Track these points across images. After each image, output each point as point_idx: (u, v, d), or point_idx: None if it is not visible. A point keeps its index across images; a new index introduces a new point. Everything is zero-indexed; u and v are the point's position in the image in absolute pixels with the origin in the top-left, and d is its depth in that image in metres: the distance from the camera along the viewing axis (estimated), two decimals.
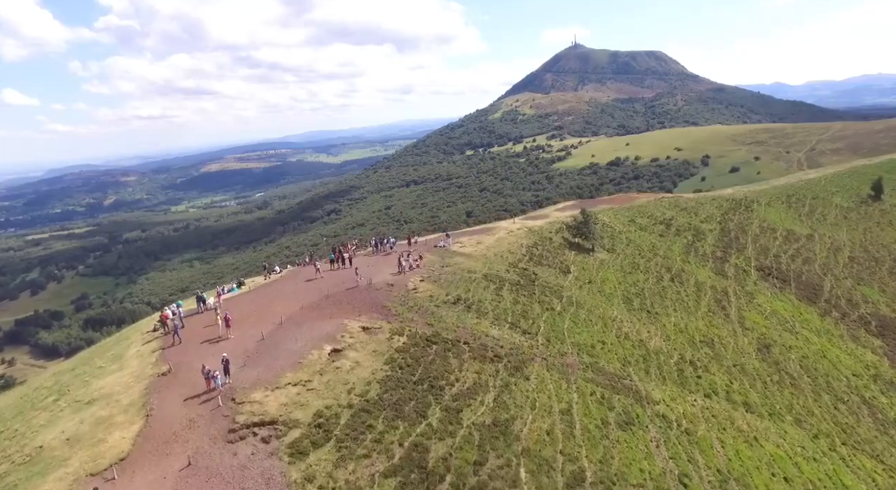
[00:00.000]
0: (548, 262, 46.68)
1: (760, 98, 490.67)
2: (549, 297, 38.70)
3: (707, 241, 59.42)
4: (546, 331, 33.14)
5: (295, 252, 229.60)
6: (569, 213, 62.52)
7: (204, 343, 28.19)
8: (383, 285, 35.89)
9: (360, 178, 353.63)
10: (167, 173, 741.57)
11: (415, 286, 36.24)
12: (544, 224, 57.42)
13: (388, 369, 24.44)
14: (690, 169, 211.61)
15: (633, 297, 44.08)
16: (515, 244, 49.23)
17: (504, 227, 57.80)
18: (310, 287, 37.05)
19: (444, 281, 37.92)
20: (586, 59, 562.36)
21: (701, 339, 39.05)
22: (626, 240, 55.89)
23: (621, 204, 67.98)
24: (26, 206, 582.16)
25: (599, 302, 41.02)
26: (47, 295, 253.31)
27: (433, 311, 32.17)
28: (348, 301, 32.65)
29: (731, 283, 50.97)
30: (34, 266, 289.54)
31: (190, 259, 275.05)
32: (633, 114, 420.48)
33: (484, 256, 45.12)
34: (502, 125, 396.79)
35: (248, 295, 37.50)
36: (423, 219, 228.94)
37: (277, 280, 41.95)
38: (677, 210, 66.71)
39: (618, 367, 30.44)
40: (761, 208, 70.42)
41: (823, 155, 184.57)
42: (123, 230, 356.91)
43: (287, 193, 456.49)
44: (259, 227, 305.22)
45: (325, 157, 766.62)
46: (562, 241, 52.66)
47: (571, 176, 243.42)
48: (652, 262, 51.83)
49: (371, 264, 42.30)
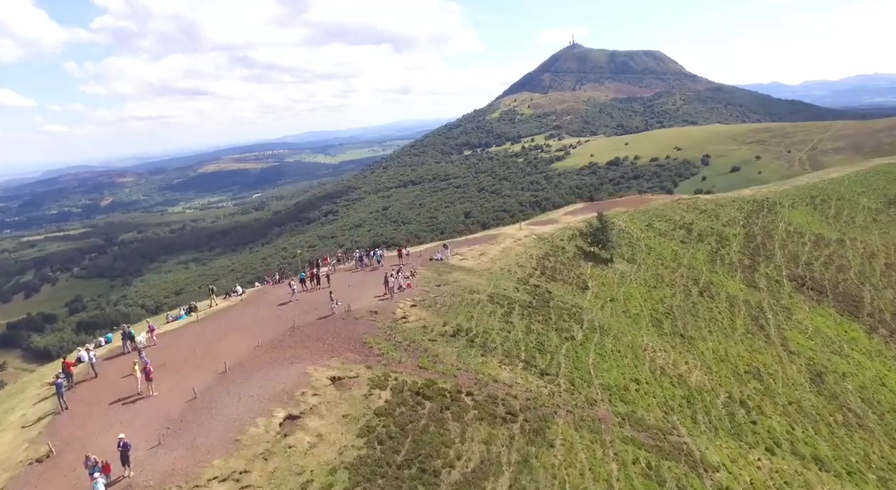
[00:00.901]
0: (562, 277, 41.19)
1: (759, 97, 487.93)
2: (567, 321, 32.98)
3: (732, 247, 54.70)
4: (568, 369, 27.40)
5: (291, 253, 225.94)
6: (580, 217, 57.44)
7: (115, 403, 21.31)
8: (365, 313, 29.66)
9: (358, 179, 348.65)
10: (164, 174, 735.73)
11: (404, 314, 29.95)
12: (554, 230, 52.10)
13: (363, 445, 18.15)
14: (691, 168, 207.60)
15: (662, 317, 38.88)
16: (524, 255, 43.61)
17: (510, 234, 52.09)
18: (273, 316, 31.08)
19: (441, 305, 31.86)
20: (584, 59, 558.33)
21: (746, 369, 34.04)
22: (645, 247, 50.94)
23: (635, 206, 62.90)
24: (22, 207, 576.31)
25: (625, 325, 35.75)
26: (41, 297, 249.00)
27: (427, 348, 26.17)
28: (319, 336, 26.64)
29: (765, 297, 46.18)
30: (28, 268, 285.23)
31: (186, 261, 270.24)
32: (631, 113, 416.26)
33: (488, 271, 39.24)
34: (500, 125, 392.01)
35: (196, 326, 31.26)
36: (420, 220, 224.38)
37: (237, 305, 35.52)
38: (697, 213, 61.90)
39: (659, 416, 25.05)
40: (785, 210, 65.58)
41: (825, 154, 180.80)
42: (119, 231, 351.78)
43: (284, 194, 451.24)
44: (256, 229, 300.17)
45: (322, 158, 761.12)
46: (576, 251, 47.41)
47: (570, 176, 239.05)
48: (677, 274, 46.93)
49: (353, 284, 36.54)
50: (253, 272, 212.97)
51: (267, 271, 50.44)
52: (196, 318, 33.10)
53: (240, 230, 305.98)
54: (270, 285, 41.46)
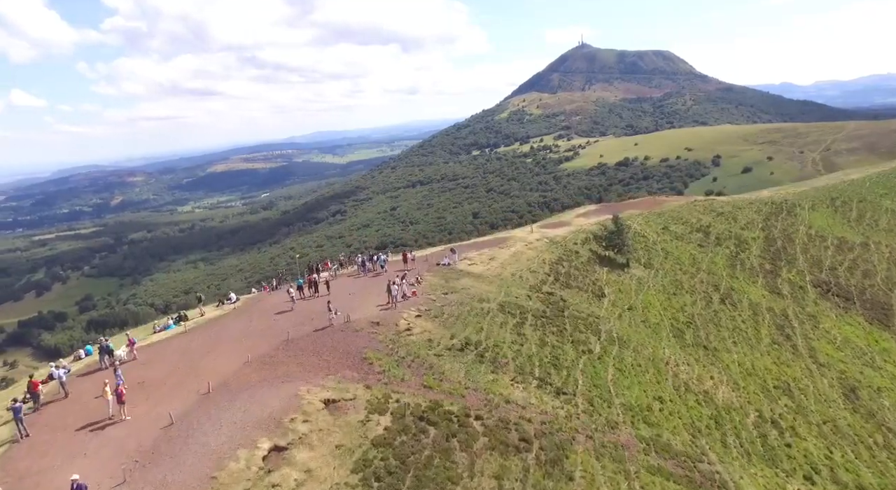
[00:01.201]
0: (577, 284, 39.14)
1: (770, 98, 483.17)
2: (583, 333, 30.88)
3: (752, 251, 52.69)
4: (586, 387, 25.28)
5: (299, 252, 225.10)
6: (593, 219, 55.54)
7: (83, 429, 19.01)
8: (366, 324, 27.49)
9: (366, 179, 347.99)
10: (173, 174, 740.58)
11: (408, 325, 27.76)
12: (567, 233, 50.12)
13: (358, 483, 15.93)
14: (701, 169, 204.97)
15: (683, 327, 36.88)
16: (536, 260, 41.45)
17: (520, 237, 49.99)
18: (266, 326, 29.03)
19: (449, 315, 29.62)
20: (593, 59, 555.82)
21: (775, 384, 31.96)
22: (662, 251, 48.91)
23: (650, 208, 61.14)
24: (34, 207, 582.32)
25: (645, 337, 33.82)
26: (52, 296, 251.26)
27: (432, 364, 24.03)
28: (314, 350, 24.57)
29: (790, 304, 44.12)
30: (40, 266, 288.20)
31: (194, 260, 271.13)
32: (641, 114, 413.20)
33: (499, 277, 37.12)
34: (509, 125, 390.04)
35: (182, 338, 29.05)
36: (429, 220, 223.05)
37: (229, 314, 33.20)
38: (714, 215, 60.02)
39: (686, 439, 23.03)
40: (805, 213, 63.58)
41: (839, 155, 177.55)
42: (129, 231, 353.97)
43: (293, 194, 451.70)
44: (264, 228, 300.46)
45: (330, 158, 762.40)
46: (590, 255, 45.39)
47: (579, 176, 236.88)
48: (696, 280, 44.89)
49: (354, 291, 34.42)
50: (261, 272, 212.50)
51: (276, 275, 48.57)
52: (184, 328, 30.98)
53: (248, 230, 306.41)
54: (267, 292, 39.34)
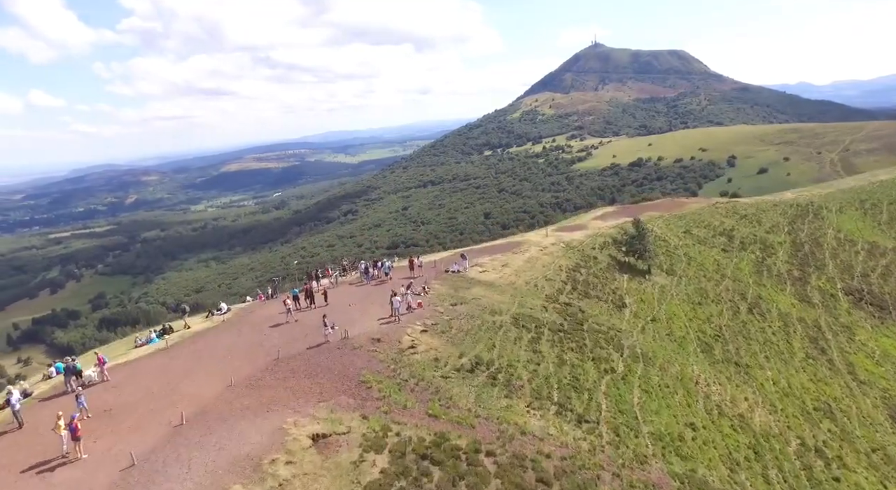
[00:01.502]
0: (596, 293, 36.74)
1: (787, 98, 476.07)
2: (605, 348, 28.51)
3: (778, 256, 50.20)
4: (611, 413, 22.74)
5: (310, 253, 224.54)
6: (611, 222, 52.98)
7: (31, 470, 16.23)
8: (365, 341, 24.86)
9: (378, 179, 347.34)
10: (187, 173, 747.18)
11: (412, 342, 25.06)
12: (584, 237, 47.81)
13: None
14: (716, 170, 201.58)
15: (711, 341, 34.41)
16: (552, 266, 39.09)
17: (534, 241, 47.48)
18: (256, 343, 26.29)
19: (457, 330, 27.06)
20: (607, 59, 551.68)
21: (814, 406, 29.57)
22: (684, 257, 46.53)
23: (670, 211, 58.67)
24: (51, 205, 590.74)
25: (671, 352, 31.54)
26: (66, 293, 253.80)
27: (438, 388, 21.51)
28: (307, 371, 22.07)
29: (821, 314, 41.66)
30: (55, 264, 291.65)
31: (206, 259, 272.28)
32: (654, 113, 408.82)
33: (512, 286, 34.69)
34: (521, 125, 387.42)
35: (163, 356, 26.30)
36: (440, 220, 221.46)
37: (218, 327, 30.41)
38: (737, 218, 57.66)
39: (724, 475, 20.60)
40: (832, 215, 60.99)
41: (858, 155, 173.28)
42: (143, 229, 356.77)
43: (305, 193, 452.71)
44: (276, 228, 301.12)
45: (343, 158, 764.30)
46: (609, 261, 42.98)
47: (592, 177, 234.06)
48: (721, 287, 42.52)
49: (354, 301, 31.81)
50: (272, 271, 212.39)
51: (272, 283, 45.44)
52: (166, 344, 28.32)
53: (260, 229, 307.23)
54: (261, 301, 36.64)
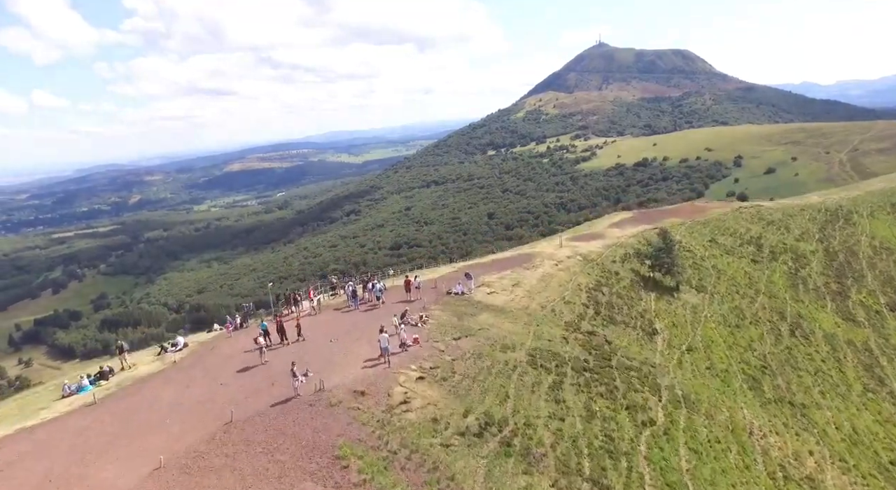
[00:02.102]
0: (622, 317, 32.82)
1: (792, 97, 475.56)
2: (640, 390, 24.77)
3: (812, 267, 48.01)
4: (656, 487, 19.17)
5: (312, 254, 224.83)
6: (629, 230, 49.76)
7: None
8: (346, 394, 19.96)
9: (381, 179, 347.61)
10: (190, 173, 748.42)
11: (406, 394, 20.32)
12: (602, 248, 43.94)
13: None
14: (722, 170, 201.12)
15: (757, 373, 31.63)
16: (570, 285, 35.06)
17: (547, 253, 43.09)
18: (206, 397, 21.21)
19: (462, 376, 22.37)
20: (611, 58, 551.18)
21: (890, 459, 27.12)
22: (713, 269, 43.83)
23: (691, 217, 55.52)
24: (55, 205, 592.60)
25: (716, 391, 28.10)
26: (68, 294, 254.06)
27: (437, 462, 17.09)
28: (265, 442, 17.42)
29: (869, 334, 39.29)
30: (58, 264, 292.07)
31: (209, 259, 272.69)
32: (659, 113, 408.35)
33: (525, 311, 30.36)
34: (525, 125, 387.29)
35: (88, 413, 21.23)
36: (443, 220, 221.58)
37: (166, 371, 25.15)
38: (763, 224, 55.41)
39: None
40: (864, 221, 58.45)
41: (868, 155, 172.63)
42: (146, 229, 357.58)
43: (308, 193, 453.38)
44: (279, 228, 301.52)
45: (346, 157, 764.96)
46: (633, 278, 39.22)
47: (597, 177, 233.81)
48: (757, 305, 40.05)
49: (338, 335, 26.72)
50: (274, 271, 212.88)
51: (243, 310, 36.29)
52: (94, 398, 22.67)
53: (263, 229, 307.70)
54: (229, 331, 31.00)
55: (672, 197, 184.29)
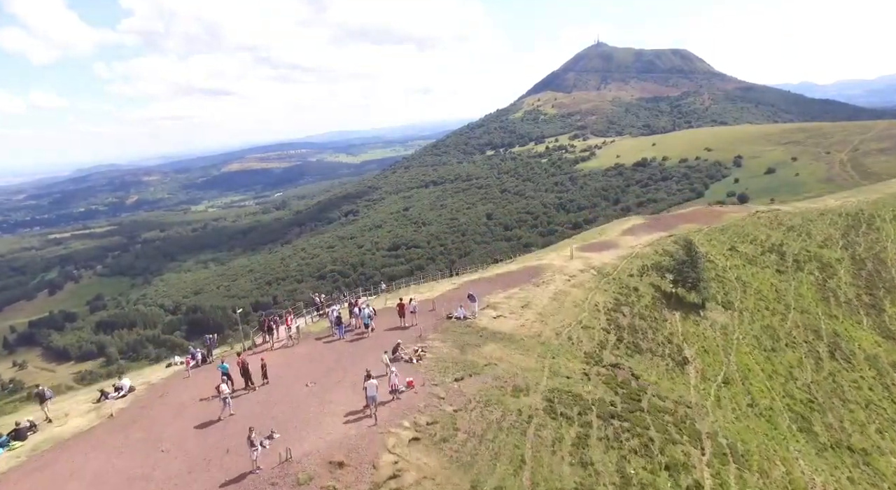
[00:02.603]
0: (648, 343, 29.61)
1: (791, 97, 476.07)
2: (679, 441, 21.05)
3: (840, 277, 45.55)
4: None
5: (310, 254, 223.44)
6: (644, 237, 46.90)
7: None
8: (319, 465, 16.10)
9: (379, 179, 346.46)
10: (188, 173, 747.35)
11: (396, 465, 16.40)
12: (616, 260, 40.79)
13: None
14: (722, 170, 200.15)
15: (805, 410, 28.40)
16: (586, 305, 31.71)
17: (558, 265, 39.50)
18: (138, 471, 16.91)
19: (466, 433, 18.50)
20: (609, 58, 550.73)
21: None
22: (737, 282, 41.06)
23: (708, 223, 52.84)
24: (52, 205, 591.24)
25: (763, 438, 24.51)
26: (64, 295, 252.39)
27: None
28: None
29: None
30: (54, 265, 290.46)
31: (205, 260, 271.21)
32: (658, 113, 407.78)
33: (537, 339, 26.82)
34: (523, 125, 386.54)
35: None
36: (442, 221, 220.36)
37: (98, 428, 20.46)
38: (783, 230, 53.03)
39: None
40: (888, 225, 56.02)
41: (869, 155, 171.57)
42: (143, 229, 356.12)
43: (306, 193, 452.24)
44: (276, 228, 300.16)
45: (344, 157, 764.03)
46: (654, 294, 35.99)
47: (596, 177, 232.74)
48: (790, 323, 37.53)
49: (317, 376, 22.55)
50: (271, 272, 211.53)
51: (207, 341, 29.40)
52: (25, 449, 19.06)
53: (260, 229, 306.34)
54: (189, 368, 26.06)
55: (672, 197, 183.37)
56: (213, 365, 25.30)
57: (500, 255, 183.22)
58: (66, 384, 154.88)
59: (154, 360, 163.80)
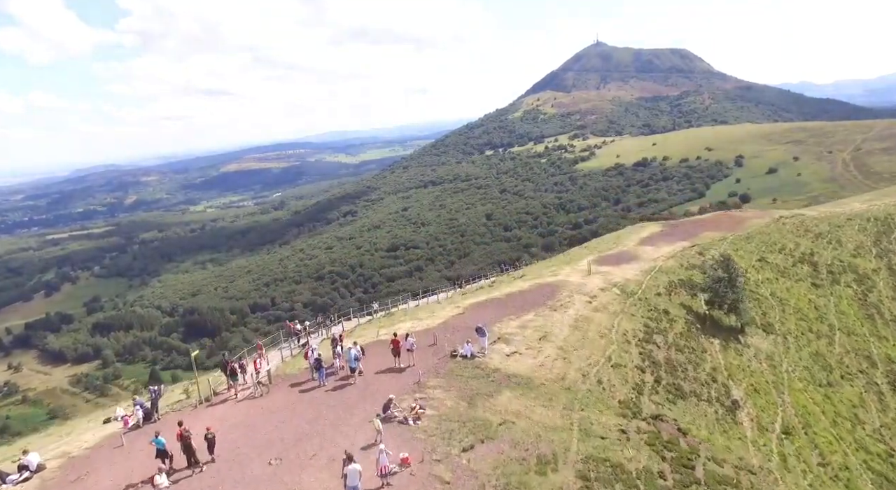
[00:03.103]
0: (689, 383, 25.38)
1: (791, 96, 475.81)
2: None
3: (880, 290, 42.53)
4: None
5: (308, 255, 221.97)
6: (665, 248, 42.31)
7: None
8: None
9: (378, 179, 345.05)
10: (187, 173, 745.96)
11: None
12: (639, 275, 36.15)
13: None
14: (723, 170, 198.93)
15: (885, 468, 24.54)
16: (613, 334, 27.41)
17: (574, 282, 34.58)
18: None
19: None
20: (608, 58, 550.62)
21: None
22: (773, 299, 37.15)
23: (732, 230, 48.77)
24: (50, 206, 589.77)
25: None
26: (61, 296, 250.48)
27: None
28: None
29: None
30: (51, 266, 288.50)
31: (203, 261, 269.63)
32: (658, 113, 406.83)
33: (561, 383, 22.45)
34: (523, 125, 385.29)
35: None
36: (441, 221, 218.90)
37: None
38: (811, 237, 49.76)
39: None
40: None
41: (872, 155, 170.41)
42: (141, 230, 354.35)
43: (304, 194, 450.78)
44: (274, 229, 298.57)
45: (343, 157, 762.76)
46: (685, 317, 31.92)
47: (596, 177, 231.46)
48: (838, 348, 34.04)
49: (285, 447, 17.73)
50: (270, 274, 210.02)
51: (155, 389, 23.20)
52: None
53: (258, 230, 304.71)
54: (126, 428, 20.79)
55: (673, 197, 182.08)
56: (159, 425, 20.42)
57: (503, 258, 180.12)
58: (60, 387, 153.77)
59: (149, 362, 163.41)
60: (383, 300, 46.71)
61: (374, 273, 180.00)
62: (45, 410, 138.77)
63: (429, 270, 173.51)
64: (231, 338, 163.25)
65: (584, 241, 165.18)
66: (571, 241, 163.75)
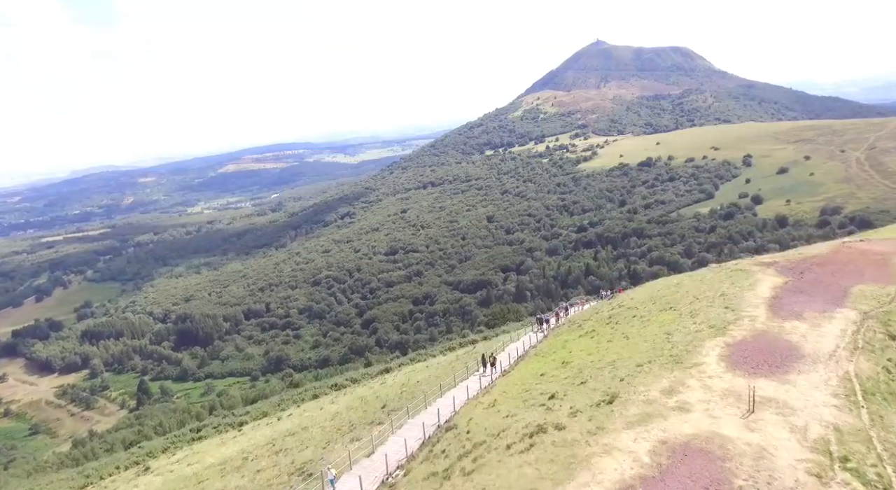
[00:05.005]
0: None
1: (794, 94, 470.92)
2: None
3: None
4: None
5: (305, 259, 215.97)
6: (827, 327, 22.15)
7: None
8: None
9: (376, 180, 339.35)
10: (184, 174, 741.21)
11: None
12: (842, 405, 16.87)
13: None
14: (731, 170, 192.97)
15: None
16: None
17: (740, 444, 15.01)
18: None
19: None
20: (609, 56, 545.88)
21: None
22: None
23: (875, 278, 29.65)
24: (47, 207, 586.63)
25: None
26: (52, 302, 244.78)
27: None
28: None
29: None
30: (44, 270, 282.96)
31: (197, 265, 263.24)
32: (660, 111, 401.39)
33: None
34: (523, 124, 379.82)
35: None
36: (440, 223, 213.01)
37: None
38: None
39: None
40: None
41: (888, 153, 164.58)
42: (136, 232, 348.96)
43: (302, 194, 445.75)
44: (271, 231, 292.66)
45: (342, 158, 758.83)
46: None
47: (600, 177, 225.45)
48: None
49: None
50: (265, 278, 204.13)
51: None
52: None
53: (254, 232, 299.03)
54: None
55: (681, 198, 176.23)
56: None
57: (505, 262, 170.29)
58: (45, 399, 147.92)
59: (138, 372, 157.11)
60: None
61: (372, 278, 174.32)
62: (27, 424, 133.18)
63: (429, 275, 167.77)
64: (223, 347, 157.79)
65: (590, 244, 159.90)
66: (581, 245, 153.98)
